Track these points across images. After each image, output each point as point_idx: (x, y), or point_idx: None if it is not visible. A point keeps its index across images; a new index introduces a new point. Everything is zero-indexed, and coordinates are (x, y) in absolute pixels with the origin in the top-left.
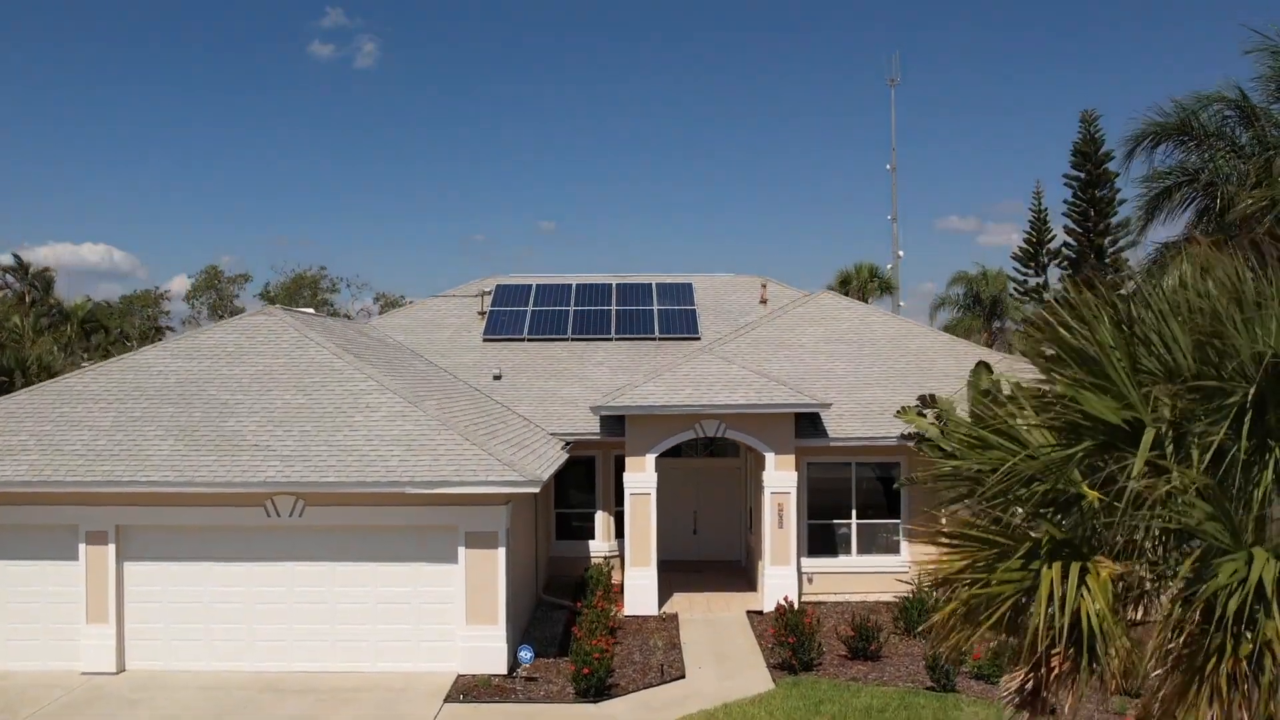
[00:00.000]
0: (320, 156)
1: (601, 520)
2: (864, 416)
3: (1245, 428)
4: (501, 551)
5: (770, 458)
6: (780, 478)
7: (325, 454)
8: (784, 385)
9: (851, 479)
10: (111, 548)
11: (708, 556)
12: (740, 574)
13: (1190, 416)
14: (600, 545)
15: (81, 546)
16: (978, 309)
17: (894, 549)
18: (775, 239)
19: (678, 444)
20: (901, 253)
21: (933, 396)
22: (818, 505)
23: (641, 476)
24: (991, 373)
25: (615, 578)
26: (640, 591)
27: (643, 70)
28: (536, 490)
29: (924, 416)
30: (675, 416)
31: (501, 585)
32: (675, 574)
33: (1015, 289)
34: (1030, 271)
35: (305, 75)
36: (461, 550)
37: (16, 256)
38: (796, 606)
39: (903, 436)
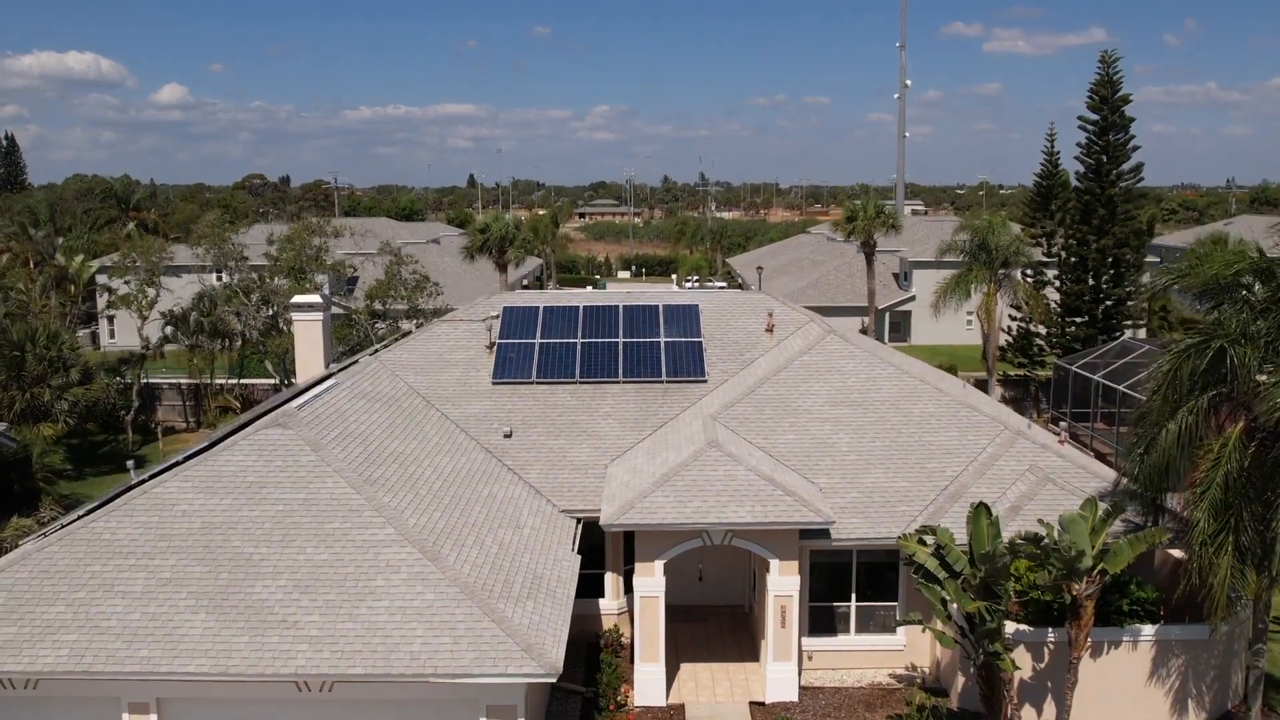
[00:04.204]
0: None
1: (611, 580)
2: (865, 509)
3: None
4: None
5: (774, 564)
6: (784, 583)
7: (351, 633)
8: (790, 494)
9: (852, 564)
10: (153, 716)
11: (713, 602)
12: (744, 625)
13: None
14: (610, 604)
15: (125, 716)
16: (984, 257)
17: (891, 629)
18: (779, 72)
19: None
20: (909, 81)
21: (933, 529)
22: (818, 586)
23: (650, 581)
24: (990, 515)
25: (624, 632)
26: (649, 684)
27: None
28: (553, 680)
29: (924, 545)
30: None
31: None
32: (681, 623)
33: (1022, 229)
34: (1040, 216)
35: None
36: None
37: (21, 224)
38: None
39: (904, 561)
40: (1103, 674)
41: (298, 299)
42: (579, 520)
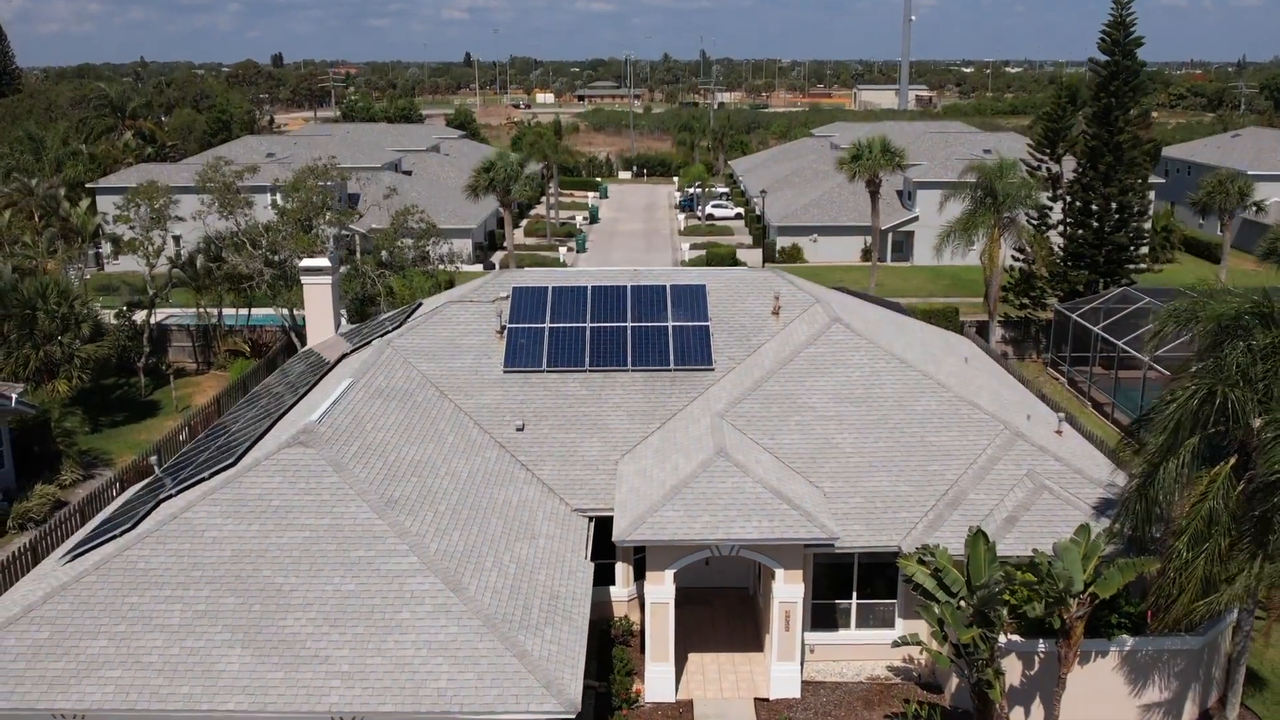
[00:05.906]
0: None
1: (621, 569)
2: (867, 515)
3: None
4: None
5: (780, 572)
6: (789, 590)
7: (379, 668)
8: (796, 509)
9: (854, 565)
10: None
11: (718, 584)
12: (748, 610)
13: None
14: (620, 591)
15: None
16: (989, 201)
17: (889, 623)
18: None
19: None
20: None
21: (932, 550)
22: (821, 585)
23: (661, 589)
24: (988, 541)
25: (634, 620)
26: (660, 683)
27: None
28: (571, 716)
29: (924, 565)
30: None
31: None
32: (687, 607)
33: (1027, 171)
34: (1046, 158)
35: None
36: None
37: (21, 179)
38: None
39: (904, 579)
40: (1090, 679)
41: (307, 262)
42: (591, 519)
